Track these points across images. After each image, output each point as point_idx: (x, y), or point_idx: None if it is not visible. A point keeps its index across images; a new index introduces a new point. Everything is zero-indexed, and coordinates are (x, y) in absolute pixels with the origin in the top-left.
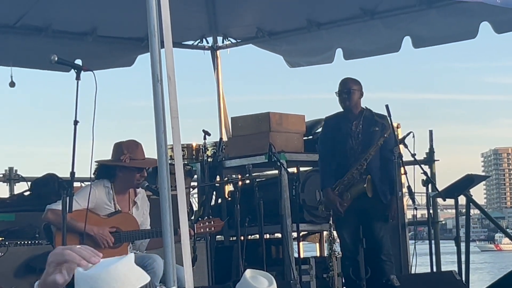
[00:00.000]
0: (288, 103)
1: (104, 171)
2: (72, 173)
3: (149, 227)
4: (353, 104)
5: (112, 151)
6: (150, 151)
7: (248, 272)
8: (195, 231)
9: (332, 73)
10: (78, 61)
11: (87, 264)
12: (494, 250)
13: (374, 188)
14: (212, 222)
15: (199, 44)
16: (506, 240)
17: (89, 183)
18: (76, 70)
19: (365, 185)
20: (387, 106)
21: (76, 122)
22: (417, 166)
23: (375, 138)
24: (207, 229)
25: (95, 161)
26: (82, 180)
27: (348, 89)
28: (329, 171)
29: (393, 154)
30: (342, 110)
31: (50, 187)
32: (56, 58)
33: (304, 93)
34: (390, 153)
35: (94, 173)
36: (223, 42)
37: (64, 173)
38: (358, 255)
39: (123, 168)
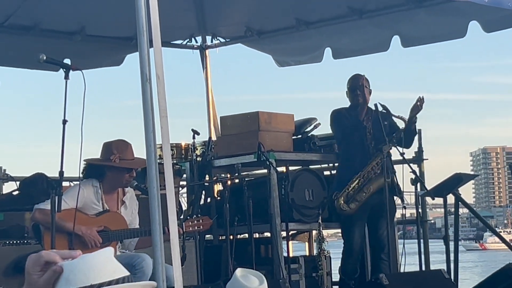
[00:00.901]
0: (277, 103)
1: (92, 170)
2: (61, 173)
3: (138, 226)
4: (364, 100)
5: (102, 150)
6: (139, 151)
7: (239, 271)
8: (184, 230)
9: (321, 73)
10: (67, 60)
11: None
12: (479, 249)
13: (392, 183)
14: (201, 221)
15: (188, 43)
16: (491, 239)
17: (78, 182)
18: (64, 70)
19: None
20: (375, 105)
21: (65, 122)
22: (406, 165)
23: (384, 133)
24: (196, 228)
25: (84, 160)
26: (70, 179)
27: (361, 85)
28: (348, 160)
29: (382, 153)
30: (348, 106)
31: (38, 187)
32: (44, 57)
33: (293, 92)
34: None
35: (82, 172)
36: (212, 41)
37: (53, 173)
38: (361, 253)
39: (112, 168)
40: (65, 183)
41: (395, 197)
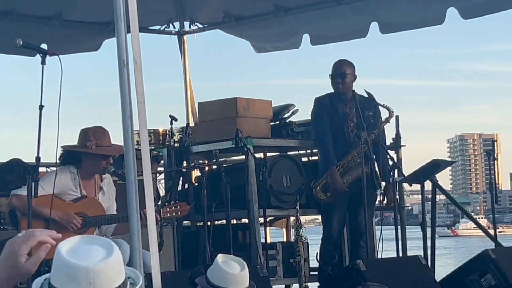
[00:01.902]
0: (255, 89)
1: (69, 156)
2: (38, 158)
3: (115, 213)
4: (346, 88)
5: (79, 137)
6: (117, 137)
7: (220, 257)
8: (162, 216)
9: (299, 59)
10: (44, 46)
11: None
12: (451, 236)
13: (371, 173)
14: (179, 207)
15: (166, 29)
16: (463, 225)
17: (55, 168)
18: (41, 55)
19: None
20: (353, 92)
21: (41, 107)
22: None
23: (368, 122)
24: (174, 214)
25: (61, 147)
26: (47, 165)
27: (342, 73)
28: (331, 149)
29: (360, 139)
30: (332, 91)
31: (15, 172)
32: (21, 42)
33: (271, 78)
34: (379, 137)
35: (59, 159)
36: (190, 27)
37: (29, 158)
38: (339, 240)
39: (89, 154)
40: (42, 169)
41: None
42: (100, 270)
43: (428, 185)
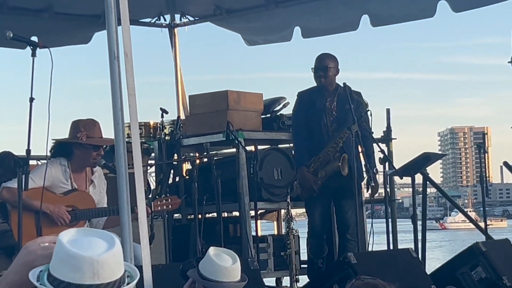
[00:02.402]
0: (246, 82)
1: (60, 149)
2: (28, 151)
3: (106, 206)
4: (328, 81)
5: (70, 129)
6: (108, 130)
7: (212, 250)
8: (153, 209)
9: (290, 52)
10: (34, 38)
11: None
12: (438, 229)
13: (349, 166)
14: (170, 200)
15: (157, 21)
16: (450, 219)
17: (45, 161)
18: (31, 47)
19: (339, 164)
20: (344, 84)
21: (31, 100)
22: (374, 145)
23: (349, 116)
24: (165, 207)
25: (52, 139)
26: (38, 158)
27: (324, 66)
28: (303, 149)
29: (368, 131)
30: (315, 85)
31: (5, 165)
32: (11, 35)
33: (262, 71)
34: (364, 130)
35: (50, 151)
36: (180, 20)
37: (19, 151)
38: (324, 233)
39: (79, 146)
40: (32, 162)
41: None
42: (104, 261)
43: (419, 178)
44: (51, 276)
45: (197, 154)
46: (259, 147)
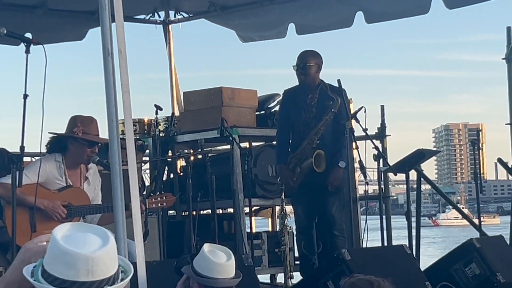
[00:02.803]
0: (240, 79)
1: (56, 144)
2: (22, 148)
3: (100, 203)
4: (309, 79)
5: (67, 123)
6: (102, 127)
7: (206, 246)
8: (147, 206)
9: (285, 48)
10: (28, 35)
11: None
12: (431, 225)
13: (326, 162)
14: (164, 198)
15: (151, 18)
16: (443, 215)
17: (39, 158)
18: (25, 44)
19: (312, 160)
20: (339, 81)
21: (25, 96)
22: (368, 141)
23: (326, 111)
24: (159, 204)
25: (49, 133)
26: (32, 155)
27: (304, 64)
28: (283, 146)
29: (345, 128)
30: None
31: None
32: (5, 31)
33: (256, 68)
34: (342, 127)
35: (46, 146)
36: (175, 16)
37: (13, 148)
38: (312, 230)
39: (74, 141)
40: (26, 159)
41: (356, 174)
42: (99, 258)
43: (413, 175)
44: (46, 272)
45: (191, 151)
46: (254, 143)
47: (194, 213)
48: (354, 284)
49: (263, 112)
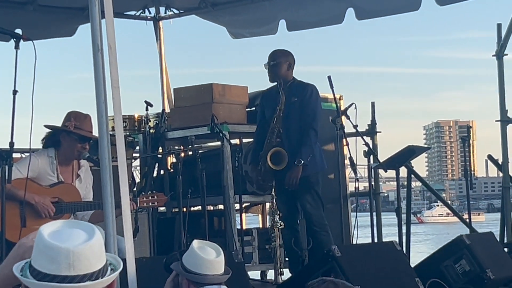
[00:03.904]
0: (231, 75)
1: (51, 138)
2: (11, 143)
3: (92, 200)
4: (278, 77)
5: (63, 119)
6: (92, 123)
7: (196, 243)
8: (138, 205)
9: (276, 45)
10: (18, 31)
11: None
12: (416, 223)
13: (288, 160)
14: (156, 197)
15: (141, 14)
16: (428, 212)
17: (31, 154)
18: (15, 39)
19: (267, 158)
20: (329, 78)
21: (15, 92)
22: (359, 138)
23: (293, 109)
24: (150, 204)
25: (44, 125)
26: (22, 151)
27: (272, 62)
28: (256, 147)
29: (315, 122)
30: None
31: None
32: None
33: (247, 65)
34: (307, 124)
35: (42, 140)
36: (165, 12)
37: (3, 144)
38: (295, 225)
39: (66, 135)
40: (16, 155)
41: (346, 171)
42: (80, 253)
43: (404, 172)
44: (31, 267)
45: (181, 147)
46: (244, 140)
47: (185, 209)
48: None
49: (253, 108)
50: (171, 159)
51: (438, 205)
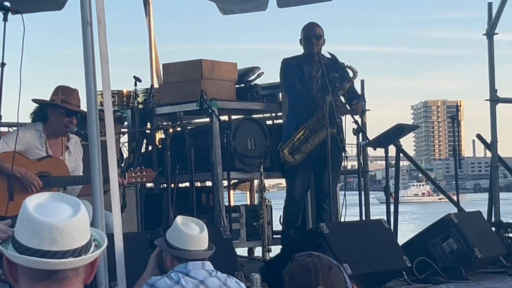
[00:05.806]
0: (221, 52)
1: (39, 113)
2: None
3: (81, 174)
4: (319, 50)
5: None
6: (80, 97)
7: (179, 219)
8: (126, 180)
9: (265, 22)
10: (7, 3)
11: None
12: (391, 202)
13: (336, 136)
14: (144, 173)
15: None
16: (403, 192)
17: (18, 127)
18: (3, 12)
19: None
20: (332, 54)
21: (3, 64)
22: (348, 116)
23: (333, 84)
24: (139, 179)
25: (32, 100)
26: (9, 125)
27: (317, 34)
28: (308, 92)
29: (325, 102)
30: (301, 54)
31: None
32: None
33: (237, 42)
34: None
35: (31, 115)
36: None
37: None
38: (303, 203)
39: (53, 109)
40: (3, 129)
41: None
42: (64, 228)
43: (392, 151)
44: (14, 239)
45: (170, 123)
46: (233, 116)
47: (173, 185)
48: (291, 275)
49: (242, 85)
50: (159, 135)
51: (413, 185)
